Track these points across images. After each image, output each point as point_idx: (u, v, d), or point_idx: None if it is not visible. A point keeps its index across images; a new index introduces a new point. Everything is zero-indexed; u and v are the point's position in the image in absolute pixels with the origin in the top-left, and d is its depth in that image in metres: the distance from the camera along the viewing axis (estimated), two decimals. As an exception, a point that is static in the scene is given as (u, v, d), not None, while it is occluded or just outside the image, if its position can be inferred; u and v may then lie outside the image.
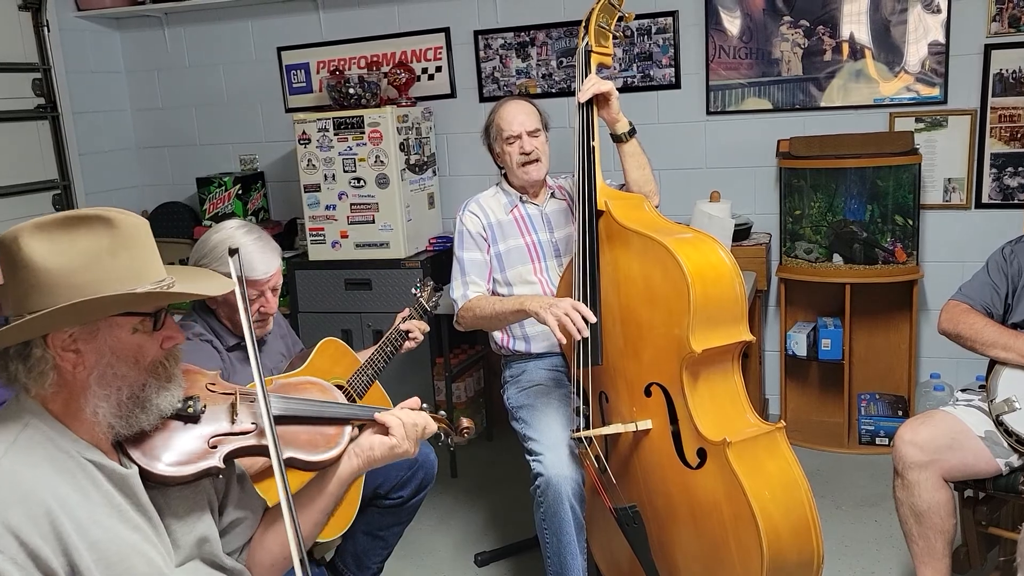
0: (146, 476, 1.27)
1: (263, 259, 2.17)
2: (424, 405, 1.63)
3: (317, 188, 3.80)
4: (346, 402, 1.59)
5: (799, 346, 3.59)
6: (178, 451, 1.30)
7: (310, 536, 1.53)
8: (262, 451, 1.35)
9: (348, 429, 1.49)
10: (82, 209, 1.22)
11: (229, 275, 2.07)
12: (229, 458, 1.35)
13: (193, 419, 1.33)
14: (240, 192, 4.16)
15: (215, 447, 1.33)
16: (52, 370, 1.20)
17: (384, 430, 1.52)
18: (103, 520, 1.20)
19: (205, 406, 1.35)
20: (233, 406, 1.38)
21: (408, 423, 1.52)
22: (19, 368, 1.21)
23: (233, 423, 1.36)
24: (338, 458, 1.47)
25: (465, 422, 1.76)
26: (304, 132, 3.78)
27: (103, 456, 1.23)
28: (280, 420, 1.40)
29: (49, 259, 1.17)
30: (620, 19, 2.37)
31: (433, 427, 1.59)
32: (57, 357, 1.20)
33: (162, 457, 1.28)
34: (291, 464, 1.42)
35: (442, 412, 1.70)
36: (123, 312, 1.22)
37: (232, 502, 1.46)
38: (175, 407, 1.30)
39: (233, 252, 1.33)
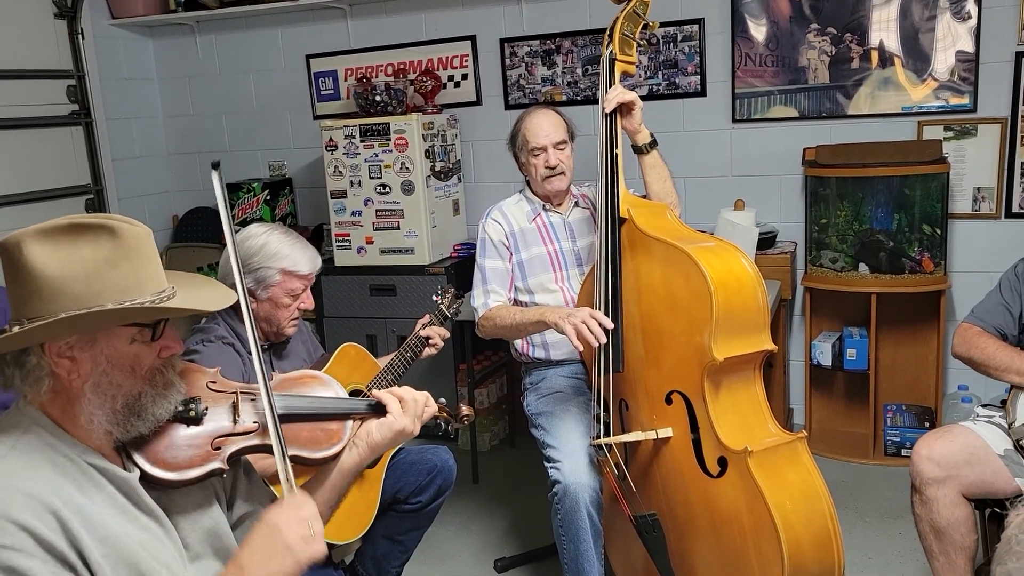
0: (150, 480, 1.27)
1: (304, 254, 2.26)
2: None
3: (343, 194, 3.84)
4: (347, 396, 1.56)
5: (824, 356, 3.56)
6: (181, 455, 1.29)
7: None
8: (266, 449, 1.35)
9: (350, 424, 1.48)
10: (86, 216, 1.21)
11: (277, 271, 2.14)
12: (233, 458, 1.34)
13: (195, 421, 1.32)
14: (268, 198, 4.21)
15: (218, 448, 1.32)
16: (48, 376, 1.20)
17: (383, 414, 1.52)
18: (109, 520, 1.20)
19: (207, 408, 1.33)
20: (235, 405, 1.37)
21: (407, 398, 1.52)
22: (15, 373, 1.21)
23: (235, 423, 1.35)
24: (340, 453, 1.46)
25: (465, 409, 1.75)
26: (331, 139, 3.82)
27: (104, 460, 1.23)
28: (282, 419, 1.39)
29: (50, 266, 1.16)
30: (644, 27, 2.37)
31: (433, 407, 1.58)
32: (53, 364, 1.20)
33: (165, 462, 1.27)
34: (294, 461, 1.40)
35: (442, 400, 1.69)
36: (121, 323, 1.22)
37: (241, 495, 1.47)
38: (173, 413, 1.29)
39: (216, 166, 1.32)
